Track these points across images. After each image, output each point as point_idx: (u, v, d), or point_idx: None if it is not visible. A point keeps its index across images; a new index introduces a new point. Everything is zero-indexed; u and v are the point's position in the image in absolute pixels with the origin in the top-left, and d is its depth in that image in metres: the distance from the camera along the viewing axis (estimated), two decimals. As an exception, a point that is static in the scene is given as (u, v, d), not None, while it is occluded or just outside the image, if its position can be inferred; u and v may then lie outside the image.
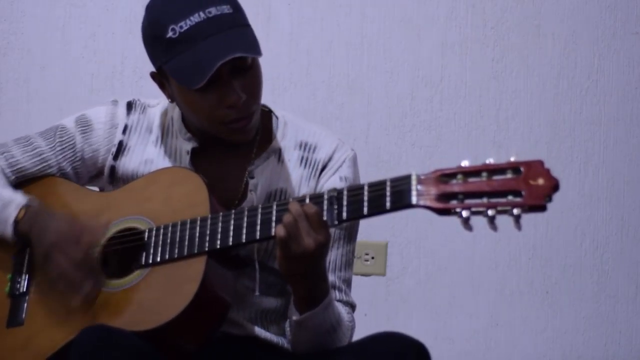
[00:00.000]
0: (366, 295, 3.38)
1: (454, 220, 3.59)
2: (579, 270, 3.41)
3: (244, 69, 2.10)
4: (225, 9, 2.09)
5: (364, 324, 2.24)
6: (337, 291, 2.19)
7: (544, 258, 3.41)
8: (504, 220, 3.57)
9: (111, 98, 2.34)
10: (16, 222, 2.16)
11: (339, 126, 3.36)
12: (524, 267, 3.41)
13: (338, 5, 3.41)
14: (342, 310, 2.15)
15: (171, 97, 2.19)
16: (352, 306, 2.22)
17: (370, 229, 3.36)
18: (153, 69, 2.19)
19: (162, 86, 2.19)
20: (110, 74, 3.41)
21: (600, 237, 3.41)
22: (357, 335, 2.11)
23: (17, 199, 2.18)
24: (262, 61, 2.25)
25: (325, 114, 3.38)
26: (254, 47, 2.09)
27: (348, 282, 2.22)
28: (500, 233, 3.36)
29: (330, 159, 2.22)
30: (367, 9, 3.41)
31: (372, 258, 3.40)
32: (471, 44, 3.41)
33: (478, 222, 3.50)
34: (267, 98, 2.32)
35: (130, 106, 2.29)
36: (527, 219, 3.37)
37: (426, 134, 3.40)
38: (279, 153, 2.22)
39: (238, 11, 2.12)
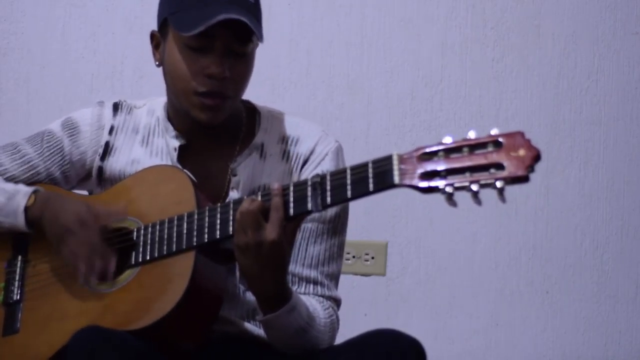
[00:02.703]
0: (366, 295, 3.38)
1: (453, 220, 3.59)
2: (579, 270, 3.41)
3: (239, 54, 2.13)
4: None
5: (364, 324, 2.23)
6: (319, 286, 2.19)
7: (544, 258, 3.41)
8: (503, 219, 3.56)
9: (113, 97, 2.35)
10: (26, 209, 2.17)
11: (339, 126, 3.36)
12: (524, 267, 3.41)
13: (338, 5, 3.41)
14: (318, 307, 2.15)
15: (160, 60, 2.21)
16: (335, 301, 2.21)
17: (370, 229, 3.37)
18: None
19: (157, 47, 2.21)
20: (110, 74, 3.41)
21: (600, 237, 3.41)
22: (357, 335, 2.11)
23: (23, 188, 2.19)
24: (262, 61, 2.25)
25: (325, 114, 3.38)
26: (259, 30, 2.12)
27: (332, 277, 2.21)
28: (501, 233, 3.40)
29: (312, 153, 2.22)
30: (367, 9, 3.41)
31: (372, 258, 3.40)
32: (471, 44, 3.41)
33: (478, 220, 3.49)
34: (267, 98, 2.32)
35: (116, 107, 2.30)
36: (527, 218, 3.38)
37: (426, 134, 3.40)
38: (261, 148, 2.23)
39: (258, 5, 2.17)
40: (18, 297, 2.19)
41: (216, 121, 2.16)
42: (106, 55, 3.41)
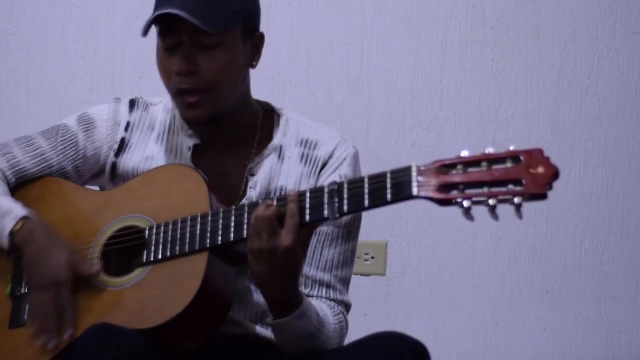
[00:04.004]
0: (366, 295, 3.38)
1: (453, 220, 3.59)
2: (579, 270, 3.41)
3: (209, 46, 2.11)
4: None
5: (364, 324, 2.24)
6: (331, 290, 2.18)
7: (544, 258, 3.41)
8: (504, 219, 3.56)
9: (113, 97, 2.34)
10: (12, 233, 2.14)
11: (339, 126, 3.36)
12: (524, 267, 3.41)
13: (338, 5, 3.41)
14: (328, 312, 2.15)
15: None
16: (346, 305, 2.21)
17: (370, 229, 3.36)
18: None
19: None
20: (110, 74, 3.41)
21: (600, 237, 3.41)
22: (357, 336, 2.11)
23: (16, 211, 2.17)
24: (262, 61, 2.25)
25: (325, 114, 3.38)
26: (209, 20, 2.08)
27: (345, 281, 2.21)
28: (501, 233, 3.40)
29: (330, 157, 2.21)
30: (367, 9, 3.41)
31: (372, 258, 3.40)
32: (471, 44, 3.41)
33: (478, 220, 3.50)
34: (267, 98, 2.32)
35: (133, 104, 2.29)
36: (527, 218, 3.38)
37: (426, 134, 3.40)
38: (279, 150, 2.22)
39: None
40: (26, 290, 2.18)
41: (202, 118, 2.15)
42: (106, 55, 3.41)
